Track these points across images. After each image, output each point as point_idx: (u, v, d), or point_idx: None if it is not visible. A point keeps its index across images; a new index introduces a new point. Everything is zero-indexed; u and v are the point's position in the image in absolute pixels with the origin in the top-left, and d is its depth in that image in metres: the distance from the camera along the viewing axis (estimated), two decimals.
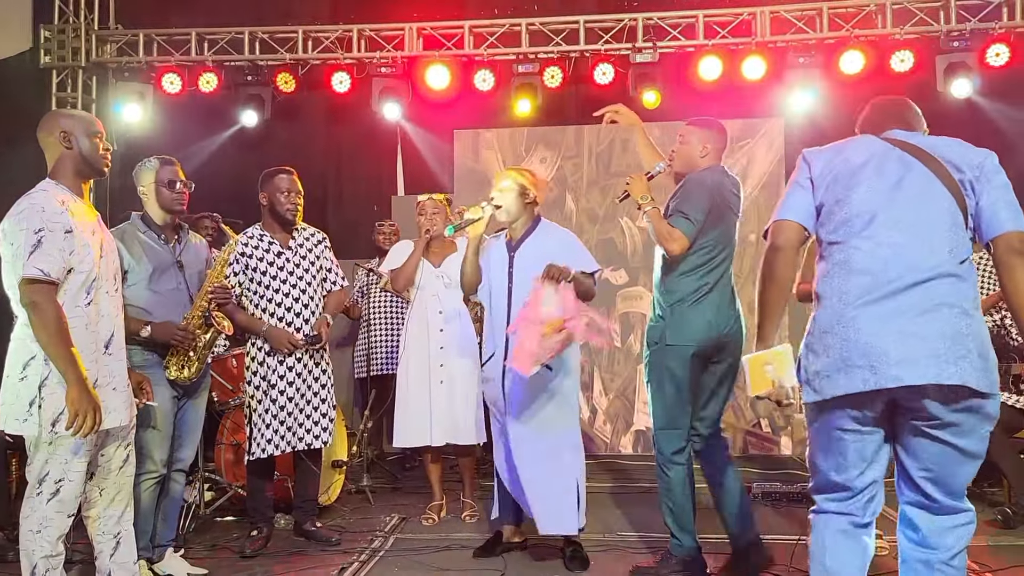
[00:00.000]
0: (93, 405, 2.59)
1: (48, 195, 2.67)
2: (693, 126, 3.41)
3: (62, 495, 2.64)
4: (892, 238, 2.21)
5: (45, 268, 2.56)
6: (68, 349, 2.57)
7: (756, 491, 4.58)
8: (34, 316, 2.56)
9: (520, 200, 3.54)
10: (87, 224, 2.75)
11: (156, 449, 3.29)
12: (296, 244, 3.92)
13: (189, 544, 3.91)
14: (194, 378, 3.38)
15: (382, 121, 6.57)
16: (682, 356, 3.21)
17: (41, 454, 2.64)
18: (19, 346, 2.65)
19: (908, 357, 2.10)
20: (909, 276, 2.16)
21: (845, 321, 2.18)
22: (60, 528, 2.66)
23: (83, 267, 2.68)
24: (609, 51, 6.39)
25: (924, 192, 2.27)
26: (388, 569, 3.55)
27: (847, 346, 2.16)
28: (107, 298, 2.79)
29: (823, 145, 2.56)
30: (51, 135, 2.77)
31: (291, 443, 3.83)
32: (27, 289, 2.56)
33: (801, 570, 3.31)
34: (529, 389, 3.44)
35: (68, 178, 2.77)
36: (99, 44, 6.78)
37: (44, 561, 2.64)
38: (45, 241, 2.57)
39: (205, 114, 6.85)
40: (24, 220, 2.59)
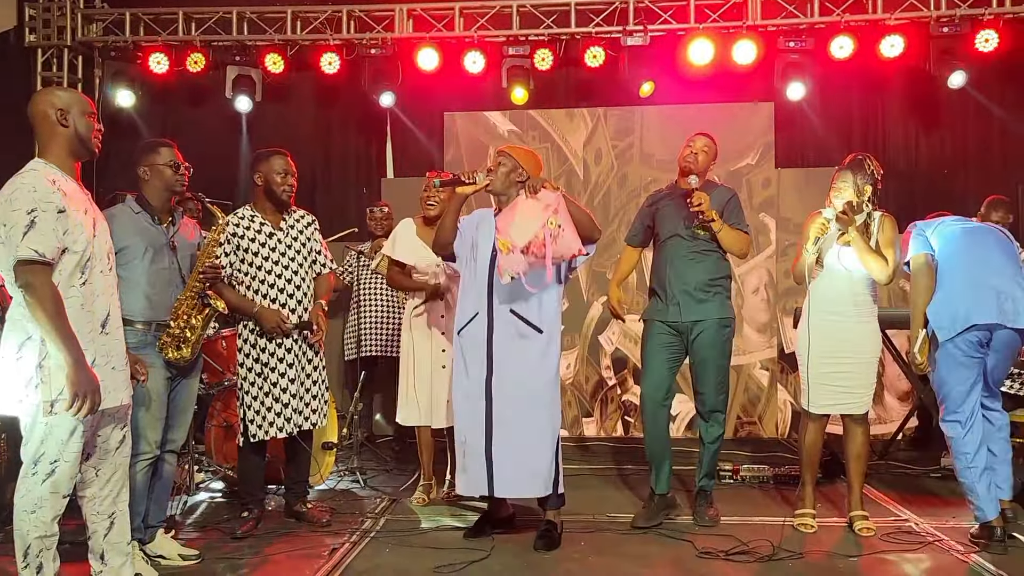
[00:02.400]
0: (93, 386, 2.58)
1: (39, 175, 2.64)
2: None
3: (57, 476, 2.63)
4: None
5: (40, 248, 2.54)
6: (66, 329, 2.56)
7: (744, 473, 4.62)
8: (30, 297, 2.54)
9: (510, 176, 3.61)
10: (79, 203, 2.72)
11: (150, 430, 3.28)
12: (287, 226, 3.91)
13: (179, 525, 3.91)
14: (190, 359, 3.37)
15: (372, 103, 6.53)
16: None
17: (37, 434, 2.63)
18: (14, 327, 2.64)
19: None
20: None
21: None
22: (55, 509, 2.65)
23: (77, 247, 2.66)
24: (600, 34, 6.37)
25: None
26: (379, 550, 3.56)
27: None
28: (101, 277, 2.77)
29: (811, 129, 2.78)
30: (46, 113, 2.71)
31: (296, 423, 3.85)
32: (22, 270, 2.54)
33: (788, 550, 3.37)
34: (516, 349, 3.52)
35: (59, 157, 2.73)
36: (85, 23, 6.71)
37: (38, 542, 2.63)
38: (39, 221, 2.55)
39: (192, 95, 6.80)
40: (16, 201, 2.56)
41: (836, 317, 3.74)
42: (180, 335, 3.33)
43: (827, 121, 6.51)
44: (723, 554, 3.36)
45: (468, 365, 3.62)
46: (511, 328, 3.54)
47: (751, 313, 6.41)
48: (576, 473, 4.95)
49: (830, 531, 3.73)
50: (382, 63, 6.43)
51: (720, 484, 4.56)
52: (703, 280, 3.90)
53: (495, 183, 3.59)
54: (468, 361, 3.62)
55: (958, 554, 3.42)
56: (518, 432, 3.50)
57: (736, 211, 3.97)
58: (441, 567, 3.30)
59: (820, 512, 4.02)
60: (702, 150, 3.97)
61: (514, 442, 3.49)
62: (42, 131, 2.73)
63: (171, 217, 3.48)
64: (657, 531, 3.74)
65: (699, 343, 3.90)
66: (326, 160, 6.98)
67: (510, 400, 3.51)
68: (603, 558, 3.42)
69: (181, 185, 3.44)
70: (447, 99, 6.68)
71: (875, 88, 6.52)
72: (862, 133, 6.58)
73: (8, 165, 2.69)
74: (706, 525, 3.82)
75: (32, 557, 2.64)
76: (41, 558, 2.65)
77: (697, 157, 3.95)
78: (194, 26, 6.63)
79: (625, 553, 3.47)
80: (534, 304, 3.55)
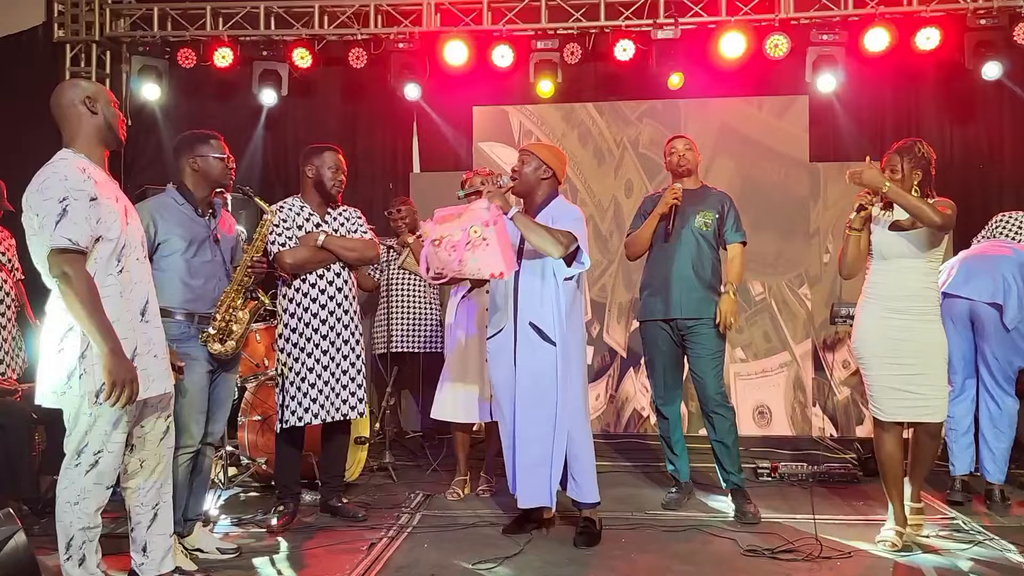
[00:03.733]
0: (131, 375, 2.56)
1: (68, 163, 2.61)
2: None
3: (101, 467, 2.61)
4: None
5: (73, 237, 2.51)
6: (102, 319, 2.53)
7: (783, 471, 4.55)
8: (65, 287, 2.52)
9: (536, 173, 3.54)
10: (110, 191, 2.70)
11: (193, 423, 3.25)
12: (331, 218, 3.90)
13: (214, 519, 3.88)
14: (234, 352, 3.34)
15: (399, 98, 6.49)
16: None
17: (81, 426, 2.61)
18: (55, 318, 2.61)
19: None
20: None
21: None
22: (98, 500, 2.63)
23: (111, 234, 2.63)
24: (630, 27, 6.30)
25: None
26: (417, 545, 3.53)
27: None
28: (137, 264, 2.75)
29: (844, 123, 2.65)
30: (73, 102, 2.69)
31: (329, 412, 3.81)
32: (56, 260, 2.52)
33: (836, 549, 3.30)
34: (532, 359, 3.43)
35: (88, 146, 2.71)
36: (113, 18, 6.71)
37: (81, 533, 2.62)
38: (70, 210, 2.52)
39: (219, 90, 6.79)
40: (47, 190, 2.53)
41: (893, 314, 3.41)
42: (225, 328, 3.30)
43: (860, 115, 6.42)
44: (769, 552, 3.30)
45: (497, 378, 3.59)
46: (529, 342, 3.45)
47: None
48: (610, 470, 4.91)
49: (877, 529, 3.65)
50: (409, 57, 6.39)
51: (759, 481, 4.52)
52: (703, 280, 4.03)
53: (517, 185, 3.52)
54: (495, 375, 3.60)
55: (1009, 552, 3.34)
56: (535, 443, 3.44)
57: (737, 218, 4.13)
58: (480, 562, 3.26)
59: (862, 510, 3.97)
60: (687, 150, 4.12)
61: (533, 454, 3.44)
62: (70, 121, 2.71)
63: (212, 209, 3.45)
64: (699, 528, 3.67)
65: (699, 340, 4.01)
66: (352, 155, 6.82)
67: (531, 408, 3.44)
68: (647, 555, 3.37)
69: (229, 179, 3.42)
70: (475, 93, 6.64)
71: (909, 81, 6.42)
72: (895, 127, 6.46)
73: (43, 160, 2.67)
74: (749, 523, 3.78)
75: (75, 549, 2.62)
76: (84, 550, 2.63)
77: (685, 157, 4.11)
78: (222, 21, 6.61)
79: (669, 551, 3.41)
80: (548, 314, 3.44)
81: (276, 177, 6.76)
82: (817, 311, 6.31)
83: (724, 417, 4.00)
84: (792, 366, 6.34)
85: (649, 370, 4.24)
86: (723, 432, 3.99)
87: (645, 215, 4.15)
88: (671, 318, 4.04)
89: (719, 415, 3.99)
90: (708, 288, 4.05)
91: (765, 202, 6.33)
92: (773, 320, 6.36)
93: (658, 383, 4.16)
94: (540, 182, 3.55)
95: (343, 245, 3.85)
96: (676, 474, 4.18)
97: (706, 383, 4.01)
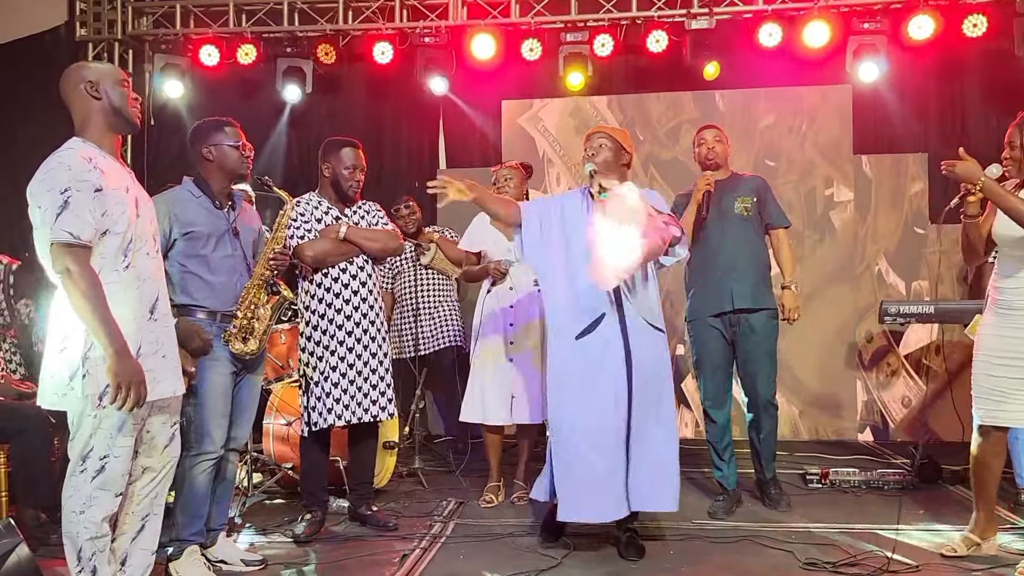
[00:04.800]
0: (138, 377, 2.39)
1: (74, 152, 2.45)
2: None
3: (108, 472, 2.45)
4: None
5: (74, 231, 2.35)
6: (106, 317, 2.37)
7: (833, 478, 4.31)
8: (67, 283, 2.36)
9: (618, 159, 3.35)
10: (120, 181, 2.53)
11: (215, 428, 3.08)
12: (350, 212, 3.73)
13: (238, 528, 3.73)
14: (257, 351, 3.17)
15: (425, 93, 6.33)
16: None
17: (85, 429, 2.45)
18: (57, 317, 2.47)
19: None
20: None
21: None
22: (105, 508, 2.47)
23: (118, 228, 2.47)
24: (663, 17, 6.09)
25: None
26: (453, 557, 3.34)
27: None
28: (147, 260, 2.58)
29: (886, 113, 2.39)
30: (76, 88, 2.54)
31: (356, 413, 3.63)
32: (58, 254, 2.36)
33: (903, 562, 3.07)
34: (652, 349, 3.24)
35: (97, 133, 2.55)
36: (135, 16, 6.61)
37: (90, 544, 2.46)
38: (72, 202, 2.36)
39: (243, 87, 6.66)
40: (50, 180, 2.38)
41: (1006, 309, 3.07)
42: (247, 326, 3.13)
43: (903, 105, 6.16)
44: (830, 566, 3.07)
45: (596, 373, 3.18)
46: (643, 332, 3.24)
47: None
48: None
49: (941, 539, 3.41)
50: (436, 52, 6.23)
51: (807, 488, 4.30)
52: (753, 269, 3.91)
53: (602, 172, 3.20)
54: (594, 369, 3.18)
55: None
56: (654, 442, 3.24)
57: (776, 201, 4.05)
58: (517, 574, 3.07)
59: (923, 519, 3.73)
60: (716, 141, 3.98)
61: (653, 455, 3.22)
62: (76, 107, 2.56)
63: (231, 201, 3.29)
64: (751, 539, 3.46)
65: (753, 333, 3.88)
66: (378, 152, 6.74)
67: (650, 406, 3.22)
68: (697, 568, 3.16)
69: (245, 168, 3.26)
70: (504, 87, 6.46)
71: (954, 70, 6.16)
72: (939, 117, 6.22)
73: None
74: (782, 509, 3.84)
75: (85, 560, 2.47)
76: (95, 561, 2.48)
77: (714, 150, 3.96)
78: (244, 17, 6.49)
79: (720, 563, 3.20)
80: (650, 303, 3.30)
81: (301, 175, 6.59)
82: (861, 308, 6.06)
83: (772, 416, 3.92)
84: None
85: (698, 371, 4.04)
86: (768, 430, 3.91)
87: (679, 210, 3.98)
88: (725, 311, 3.88)
89: (768, 413, 3.91)
90: (761, 276, 3.91)
91: (806, 196, 6.10)
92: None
93: (708, 385, 3.97)
94: (620, 168, 3.35)
95: (366, 236, 3.67)
96: (723, 481, 3.98)
97: (758, 380, 3.89)
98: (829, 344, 6.07)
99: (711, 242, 3.91)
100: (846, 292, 6.10)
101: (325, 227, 3.62)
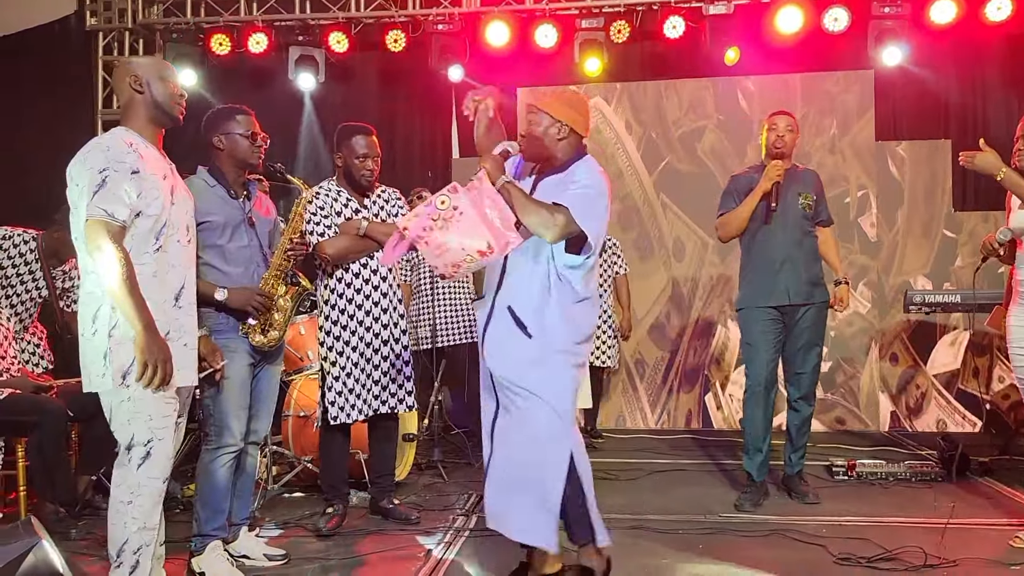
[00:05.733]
0: (165, 355, 2.39)
1: (115, 136, 2.51)
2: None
3: (154, 457, 2.43)
4: None
5: (109, 209, 2.37)
6: (136, 295, 2.38)
7: (859, 470, 4.24)
8: (99, 260, 2.37)
9: (549, 134, 2.71)
10: (158, 169, 2.54)
11: (235, 420, 3.03)
12: (370, 202, 3.66)
13: (258, 522, 3.69)
14: (277, 343, 3.12)
15: (438, 81, 6.25)
16: None
17: (122, 414, 2.42)
18: (87, 300, 2.46)
19: None
20: None
21: None
22: (153, 496, 2.44)
23: (151, 211, 2.47)
24: (679, 3, 6.00)
25: None
26: (479, 550, 3.28)
27: None
28: (178, 247, 2.58)
29: (907, 99, 2.33)
30: (123, 80, 2.62)
31: (373, 406, 3.58)
32: (92, 232, 2.37)
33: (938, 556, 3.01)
34: (502, 345, 2.71)
35: (140, 124, 2.59)
36: (146, 5, 6.54)
37: (137, 536, 2.42)
38: (109, 181, 2.38)
39: (254, 76, 6.59)
40: (89, 160, 2.42)
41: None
42: (266, 318, 3.08)
43: (923, 91, 6.07)
44: (865, 560, 3.01)
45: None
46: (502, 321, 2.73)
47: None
48: (670, 468, 4.65)
49: (975, 534, 3.35)
50: (450, 39, 6.15)
51: (834, 480, 4.24)
52: (811, 264, 3.90)
53: (525, 150, 2.76)
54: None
55: None
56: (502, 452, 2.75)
57: (824, 199, 4.04)
58: None
59: (956, 512, 3.65)
60: (788, 130, 3.89)
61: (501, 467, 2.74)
62: (122, 99, 2.66)
63: (246, 191, 3.23)
64: (782, 533, 3.39)
65: (803, 326, 3.88)
66: (391, 141, 6.66)
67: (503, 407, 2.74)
68: (727, 562, 3.09)
69: (258, 157, 3.19)
70: (518, 75, 6.37)
71: (975, 55, 6.05)
72: (960, 103, 6.12)
73: (73, 149, 2.53)
74: (811, 502, 3.83)
75: (127, 555, 2.41)
76: (139, 555, 2.42)
77: (784, 139, 3.88)
78: (256, 6, 6.42)
79: (752, 558, 3.12)
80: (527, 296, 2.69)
81: (314, 165, 6.54)
82: (884, 297, 5.99)
83: (811, 406, 3.98)
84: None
85: (747, 358, 3.96)
86: (804, 420, 3.95)
87: (736, 194, 3.93)
88: (780, 304, 3.86)
89: (809, 404, 3.96)
90: (816, 272, 3.93)
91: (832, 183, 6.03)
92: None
93: (757, 372, 3.89)
94: (557, 143, 2.72)
95: (386, 231, 3.58)
96: (752, 472, 3.92)
97: (805, 370, 3.91)
98: (850, 334, 6.01)
99: (771, 234, 3.86)
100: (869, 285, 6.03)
101: (345, 222, 3.56)
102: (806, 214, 3.89)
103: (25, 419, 3.62)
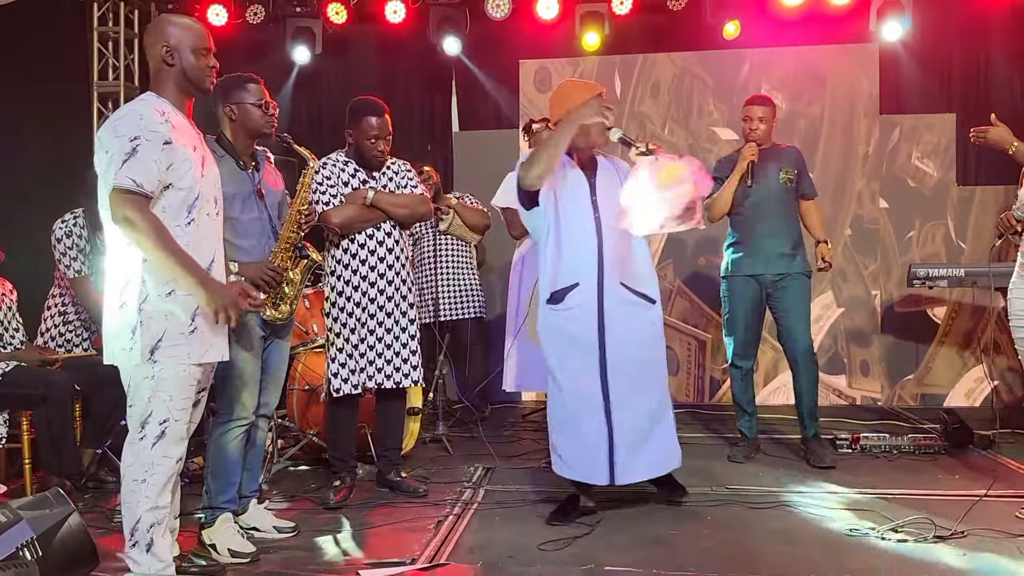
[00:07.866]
0: (228, 299, 2.40)
1: (148, 104, 2.45)
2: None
3: (168, 436, 2.41)
4: None
5: (138, 179, 2.32)
6: (179, 252, 2.36)
7: (864, 443, 4.26)
8: (130, 232, 2.33)
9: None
10: (189, 140, 2.49)
11: (247, 394, 3.02)
12: (380, 173, 3.63)
13: (266, 494, 3.69)
14: (288, 317, 3.10)
15: (438, 54, 6.18)
16: None
17: (142, 391, 2.40)
18: (113, 274, 2.43)
19: None
20: None
21: None
22: (167, 474, 2.43)
23: (183, 183, 2.42)
24: None
25: None
26: (487, 524, 3.29)
27: None
28: (208, 220, 2.53)
29: (911, 74, 2.36)
30: (154, 46, 2.52)
31: (376, 379, 3.58)
32: (118, 201, 2.32)
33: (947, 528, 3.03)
34: (632, 320, 3.23)
35: (169, 92, 2.54)
36: None
37: (149, 514, 2.41)
38: (141, 150, 2.33)
39: (251, 48, 6.49)
40: (121, 127, 2.36)
41: None
42: (277, 291, 3.05)
43: (936, 63, 6.03)
44: (873, 531, 3.03)
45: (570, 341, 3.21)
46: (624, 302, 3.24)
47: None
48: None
49: (981, 505, 3.37)
50: (449, 11, 6.08)
51: (839, 454, 4.26)
52: (791, 235, 4.10)
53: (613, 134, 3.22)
54: (564, 336, 3.22)
55: None
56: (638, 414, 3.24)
57: (807, 174, 4.24)
58: (557, 540, 3.02)
59: (959, 484, 3.69)
60: (760, 121, 4.06)
61: (639, 425, 3.24)
62: (152, 64, 2.56)
63: (254, 162, 3.19)
64: (788, 505, 3.42)
65: (787, 294, 4.08)
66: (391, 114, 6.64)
67: (627, 380, 3.21)
68: (738, 534, 3.10)
69: (269, 127, 3.15)
70: (520, 48, 6.31)
71: (979, 28, 6.01)
72: (962, 78, 6.08)
73: (70, 122, 2.48)
74: (827, 466, 3.94)
75: (141, 533, 2.41)
76: (152, 533, 2.42)
77: (757, 131, 4.06)
78: None
79: (761, 530, 3.14)
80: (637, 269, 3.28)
81: (312, 138, 6.39)
82: (885, 271, 6.00)
83: (814, 364, 4.10)
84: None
85: (729, 327, 4.21)
86: (810, 383, 4.08)
87: (720, 178, 4.12)
88: (759, 273, 4.09)
89: (811, 361, 4.08)
90: (797, 243, 4.13)
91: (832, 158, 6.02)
92: (832, 280, 6.05)
93: (739, 338, 4.16)
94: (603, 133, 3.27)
95: (393, 202, 3.58)
96: (745, 429, 4.23)
97: (796, 335, 4.07)
98: (852, 306, 6.03)
99: (753, 207, 4.10)
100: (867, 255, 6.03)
101: (352, 191, 3.53)
102: (788, 188, 4.10)
103: (31, 392, 3.60)
